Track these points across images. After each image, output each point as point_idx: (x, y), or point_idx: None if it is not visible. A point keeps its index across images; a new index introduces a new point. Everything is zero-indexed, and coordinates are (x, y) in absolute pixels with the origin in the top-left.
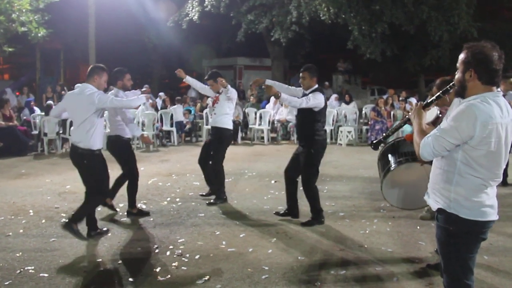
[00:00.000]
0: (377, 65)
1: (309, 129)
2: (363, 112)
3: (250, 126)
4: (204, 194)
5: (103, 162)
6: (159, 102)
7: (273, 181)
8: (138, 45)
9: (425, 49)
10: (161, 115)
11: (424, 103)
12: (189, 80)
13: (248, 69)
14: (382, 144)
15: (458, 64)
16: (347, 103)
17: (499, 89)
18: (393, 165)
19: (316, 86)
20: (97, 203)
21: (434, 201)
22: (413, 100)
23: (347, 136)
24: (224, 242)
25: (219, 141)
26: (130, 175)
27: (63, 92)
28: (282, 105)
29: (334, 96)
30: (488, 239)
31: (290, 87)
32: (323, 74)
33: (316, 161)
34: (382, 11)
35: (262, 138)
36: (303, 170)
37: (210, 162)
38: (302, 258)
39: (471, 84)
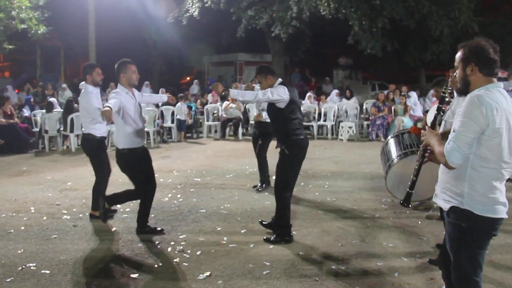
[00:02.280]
0: (378, 60)
1: (283, 128)
2: (364, 107)
3: (251, 122)
4: (256, 186)
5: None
6: None
7: (274, 177)
8: (138, 42)
9: (426, 44)
10: (161, 111)
11: (430, 124)
12: (235, 93)
13: (248, 65)
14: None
15: (456, 63)
16: (348, 98)
17: (500, 83)
18: (396, 158)
19: (279, 80)
20: (141, 195)
21: (444, 201)
22: (414, 94)
23: (348, 132)
24: (225, 238)
25: (268, 134)
26: (100, 173)
27: (46, 91)
28: None
29: (335, 91)
30: None
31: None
32: (324, 70)
33: (291, 165)
34: (383, 6)
35: None
36: (277, 174)
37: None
38: (303, 254)
39: (473, 78)
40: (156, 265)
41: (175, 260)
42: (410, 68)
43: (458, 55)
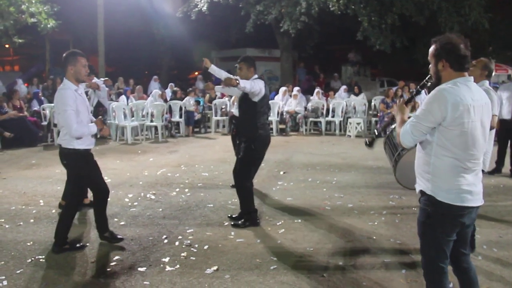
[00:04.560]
0: (387, 57)
1: (252, 122)
2: (372, 103)
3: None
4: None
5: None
6: (168, 92)
7: (281, 172)
8: (147, 36)
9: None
10: (170, 106)
11: (407, 99)
12: (214, 69)
13: (257, 60)
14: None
15: (429, 58)
16: (356, 94)
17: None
18: (403, 150)
19: (255, 75)
20: (71, 211)
21: (417, 184)
22: (423, 91)
23: (356, 128)
24: (232, 233)
25: None
26: None
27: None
28: (291, 96)
29: (343, 87)
30: (497, 232)
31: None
32: (332, 65)
33: (255, 158)
34: (392, 2)
35: (271, 129)
36: (239, 166)
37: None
38: (311, 249)
39: (444, 73)
40: (163, 259)
41: (182, 254)
42: (419, 65)
43: (431, 50)
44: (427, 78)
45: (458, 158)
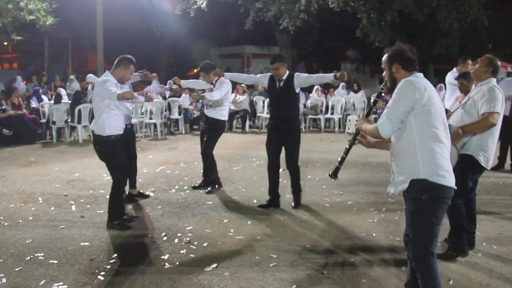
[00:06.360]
0: None
1: (296, 109)
2: (372, 100)
3: (258, 114)
4: (196, 185)
5: (114, 149)
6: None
7: (281, 169)
8: (146, 33)
9: (435, 38)
10: (169, 103)
11: (366, 113)
12: (184, 83)
13: (256, 58)
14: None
15: (383, 66)
16: (356, 91)
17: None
18: None
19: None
20: (116, 190)
21: (402, 181)
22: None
23: (355, 125)
24: (232, 230)
25: (213, 130)
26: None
27: (54, 83)
28: None
29: (342, 84)
30: (497, 229)
31: (250, 75)
32: (332, 63)
33: (300, 139)
34: None
35: None
36: (295, 150)
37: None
38: (310, 246)
39: (398, 75)
40: (162, 256)
41: (181, 251)
42: (418, 62)
43: (384, 58)
44: (381, 86)
45: (438, 137)
